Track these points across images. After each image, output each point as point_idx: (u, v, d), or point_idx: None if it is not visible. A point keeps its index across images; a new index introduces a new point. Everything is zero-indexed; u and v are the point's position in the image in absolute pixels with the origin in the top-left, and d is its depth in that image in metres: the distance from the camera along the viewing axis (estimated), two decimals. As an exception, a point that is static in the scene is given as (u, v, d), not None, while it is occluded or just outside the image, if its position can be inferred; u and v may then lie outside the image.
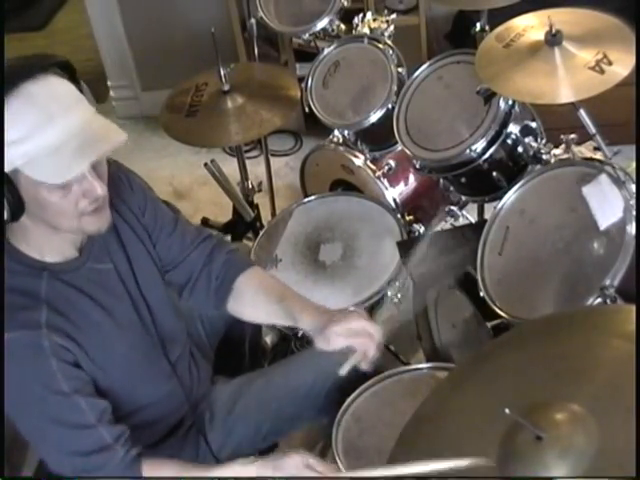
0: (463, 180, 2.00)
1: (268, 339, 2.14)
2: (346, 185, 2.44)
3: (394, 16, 2.42)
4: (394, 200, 2.29)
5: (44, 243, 1.37)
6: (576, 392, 1.03)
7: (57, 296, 1.37)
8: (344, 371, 1.48)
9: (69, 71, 1.31)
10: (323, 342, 1.46)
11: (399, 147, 2.13)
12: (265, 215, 2.69)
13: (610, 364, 1.06)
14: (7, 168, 1.22)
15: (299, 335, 1.95)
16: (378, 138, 2.33)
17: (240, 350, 1.95)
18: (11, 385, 1.31)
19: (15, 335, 1.30)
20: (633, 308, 1.09)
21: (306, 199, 2.36)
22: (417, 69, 2.12)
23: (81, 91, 1.31)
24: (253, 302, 1.61)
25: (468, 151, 1.90)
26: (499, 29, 1.87)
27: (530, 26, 1.81)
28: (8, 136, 1.21)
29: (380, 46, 2.32)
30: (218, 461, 1.64)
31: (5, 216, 1.27)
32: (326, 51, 2.43)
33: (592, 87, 1.61)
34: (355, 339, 1.44)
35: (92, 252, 1.44)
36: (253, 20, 2.64)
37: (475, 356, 1.32)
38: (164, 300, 1.58)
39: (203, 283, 1.62)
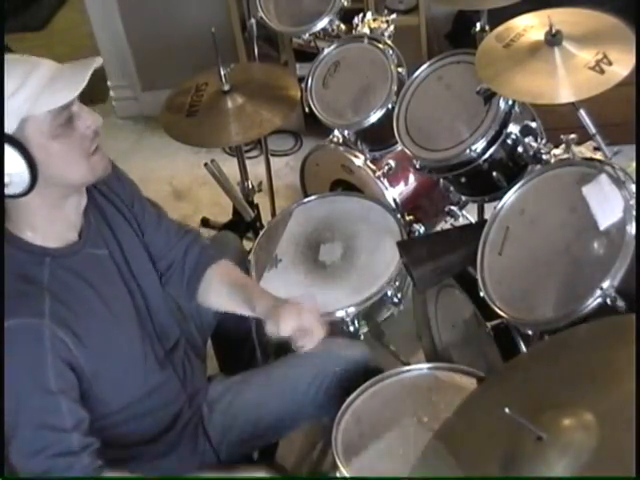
0: (463, 180, 2.00)
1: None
2: (346, 185, 2.44)
3: (394, 16, 2.42)
4: (394, 200, 2.29)
5: (48, 225, 1.40)
6: (585, 398, 1.04)
7: (59, 283, 1.39)
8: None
9: None
10: (272, 325, 1.53)
11: (399, 147, 2.13)
12: (265, 215, 2.69)
13: (625, 372, 1.06)
14: (15, 122, 1.28)
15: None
16: (378, 138, 2.32)
17: (244, 347, 1.96)
18: (4, 371, 1.30)
19: (18, 322, 1.31)
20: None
21: (306, 199, 2.36)
22: (417, 69, 2.11)
23: None
24: (218, 291, 1.69)
25: (468, 151, 1.89)
26: (499, 29, 1.87)
27: (530, 26, 1.81)
28: (7, 89, 1.28)
29: (380, 46, 2.31)
30: (218, 455, 1.66)
31: (23, 187, 1.31)
32: (326, 51, 2.42)
33: (592, 87, 1.61)
34: (300, 332, 1.52)
35: (89, 237, 1.47)
36: (253, 20, 2.64)
37: (503, 369, 1.33)
38: (157, 287, 1.63)
39: (178, 274, 1.69)
